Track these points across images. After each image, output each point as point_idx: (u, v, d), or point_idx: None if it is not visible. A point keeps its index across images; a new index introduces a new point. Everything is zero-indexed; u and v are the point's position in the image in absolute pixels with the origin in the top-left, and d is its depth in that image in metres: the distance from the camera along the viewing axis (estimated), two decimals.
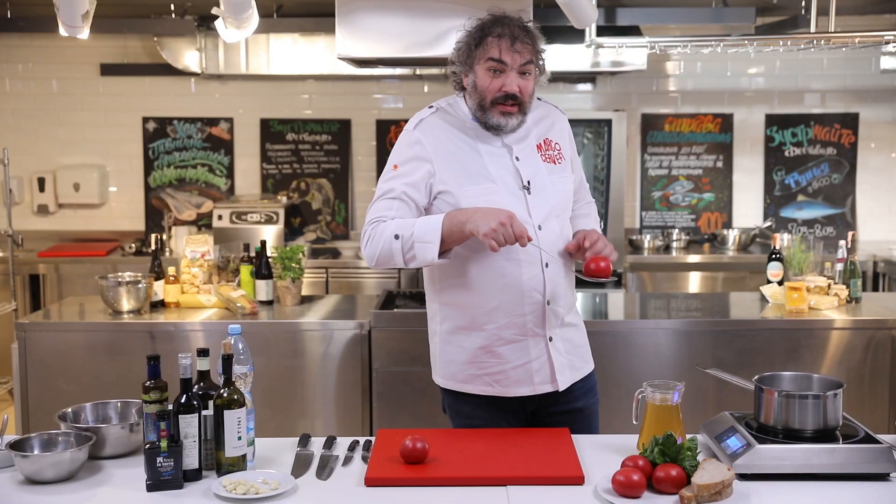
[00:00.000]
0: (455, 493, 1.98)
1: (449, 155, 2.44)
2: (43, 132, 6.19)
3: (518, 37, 2.39)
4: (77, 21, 3.17)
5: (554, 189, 2.49)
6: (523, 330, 2.45)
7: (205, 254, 3.96)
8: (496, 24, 2.41)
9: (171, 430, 1.99)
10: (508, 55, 2.38)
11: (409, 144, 2.45)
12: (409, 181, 2.42)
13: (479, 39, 2.41)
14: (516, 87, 2.39)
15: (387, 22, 3.72)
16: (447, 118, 2.49)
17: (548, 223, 2.45)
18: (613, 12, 5.32)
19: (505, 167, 2.45)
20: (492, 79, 2.40)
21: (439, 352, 2.55)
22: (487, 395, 2.49)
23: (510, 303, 2.43)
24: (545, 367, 2.48)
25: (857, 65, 6.04)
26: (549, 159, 2.51)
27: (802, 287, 3.76)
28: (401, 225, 2.36)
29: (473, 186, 2.41)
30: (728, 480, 1.90)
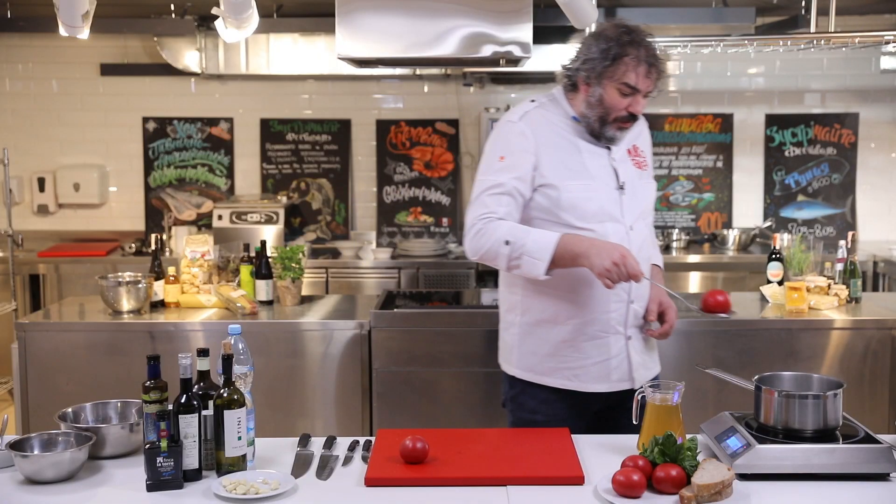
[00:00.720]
0: (455, 493, 1.98)
1: (552, 149, 2.47)
2: (43, 132, 6.19)
3: (654, 63, 2.44)
4: (77, 21, 3.17)
5: (643, 193, 2.58)
6: (606, 327, 2.50)
7: (205, 254, 3.96)
8: (633, 45, 2.42)
9: (171, 430, 1.99)
10: (643, 83, 2.44)
11: (515, 136, 2.47)
12: (517, 175, 2.43)
13: (614, 57, 2.42)
14: (641, 109, 2.48)
15: (387, 22, 3.72)
16: (548, 114, 2.53)
17: (637, 224, 2.54)
18: (613, 12, 5.33)
19: (603, 166, 2.50)
20: (620, 98, 2.45)
21: (518, 343, 2.58)
22: (565, 388, 2.53)
23: (598, 299, 2.47)
24: (623, 365, 2.53)
25: (857, 65, 6.04)
26: (637, 165, 2.59)
27: (802, 287, 3.76)
28: (513, 231, 2.36)
29: (574, 182, 2.45)
30: (728, 480, 1.90)
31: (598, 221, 2.46)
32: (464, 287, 5.47)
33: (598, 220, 2.46)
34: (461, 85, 6.03)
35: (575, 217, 2.45)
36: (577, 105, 2.52)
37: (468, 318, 3.79)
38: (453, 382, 3.76)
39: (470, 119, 6.09)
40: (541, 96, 2.59)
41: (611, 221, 2.48)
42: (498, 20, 3.75)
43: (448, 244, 5.88)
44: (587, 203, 2.45)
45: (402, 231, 6.11)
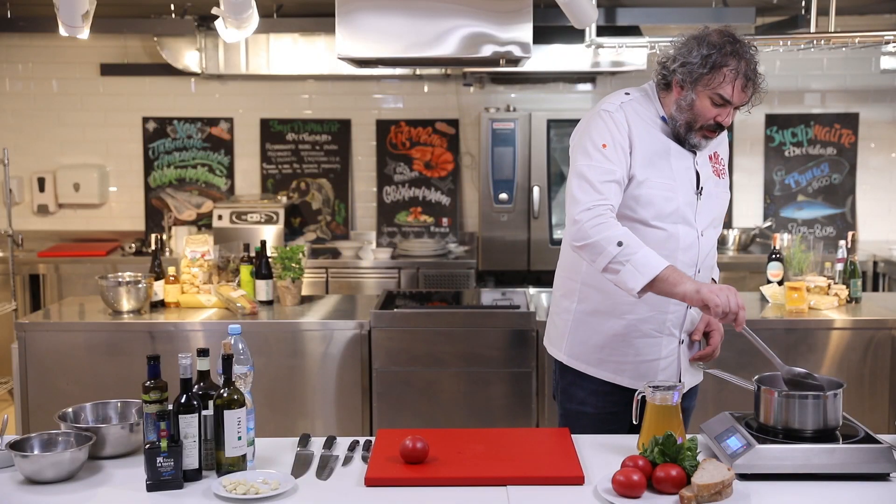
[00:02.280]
0: (455, 493, 1.98)
1: (643, 143, 2.45)
2: (43, 132, 6.19)
3: (751, 78, 2.39)
4: (77, 21, 3.17)
5: (718, 200, 2.55)
6: (661, 327, 2.49)
7: (205, 254, 3.96)
8: (734, 56, 2.37)
9: (171, 430, 1.99)
10: (738, 96, 2.40)
11: (616, 125, 2.44)
12: (622, 163, 2.41)
13: (713, 66, 2.38)
14: (730, 121, 2.45)
15: (387, 22, 3.72)
16: (641, 109, 2.50)
17: (708, 231, 2.52)
18: (613, 12, 5.33)
19: (687, 168, 2.49)
20: (711, 108, 2.42)
21: (571, 330, 2.57)
22: (611, 381, 2.52)
23: (658, 299, 2.42)
24: (673, 367, 2.53)
25: (857, 65, 6.04)
26: (716, 172, 2.57)
27: (802, 287, 3.76)
28: (628, 236, 2.31)
29: (657, 179, 2.44)
30: (728, 480, 1.90)
31: (672, 222, 2.45)
32: (464, 287, 5.47)
33: (672, 221, 2.45)
34: (461, 85, 6.03)
35: (650, 214, 2.43)
36: (668, 105, 2.49)
37: (468, 318, 3.79)
38: (453, 382, 3.76)
39: (470, 119, 6.09)
40: (634, 90, 2.56)
41: (684, 224, 2.46)
42: (498, 20, 3.75)
43: (448, 244, 5.88)
44: (666, 202, 2.44)
45: (402, 231, 6.11)
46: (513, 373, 3.75)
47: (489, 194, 5.49)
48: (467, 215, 6.16)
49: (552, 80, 5.98)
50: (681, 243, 2.45)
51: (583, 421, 2.54)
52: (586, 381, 2.55)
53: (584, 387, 2.55)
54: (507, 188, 5.49)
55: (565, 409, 2.61)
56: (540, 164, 5.45)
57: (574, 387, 2.58)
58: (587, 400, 2.56)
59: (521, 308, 3.87)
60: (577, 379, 2.57)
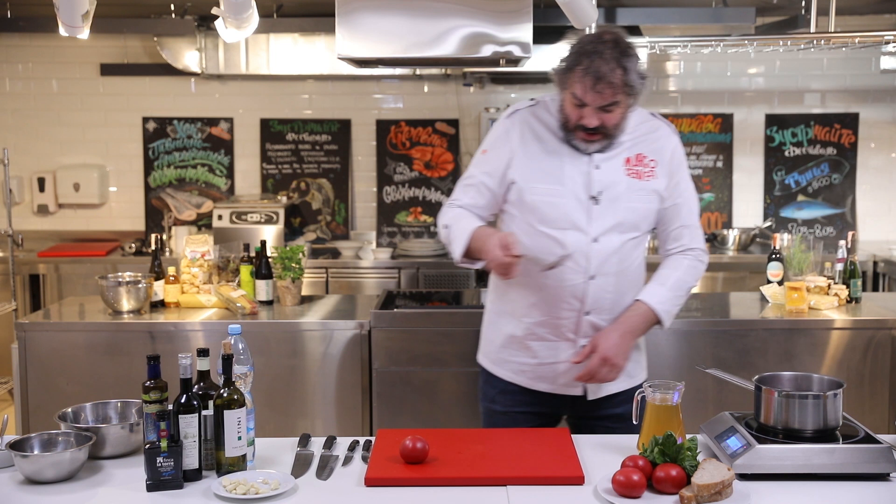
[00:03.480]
0: (455, 493, 1.98)
1: (531, 149, 2.48)
2: (43, 132, 6.19)
3: (602, 77, 2.30)
4: (77, 21, 3.17)
5: (629, 205, 2.48)
6: (556, 332, 2.50)
7: (205, 254, 3.96)
8: (585, 55, 2.33)
9: (171, 430, 1.99)
10: (589, 96, 2.34)
11: (500, 132, 2.53)
12: (488, 170, 2.51)
13: (568, 66, 2.38)
14: (595, 123, 2.38)
15: (387, 22, 3.72)
16: (541, 114, 2.53)
17: (607, 237, 2.46)
18: (613, 12, 5.32)
19: (580, 173, 2.46)
20: (573, 108, 2.40)
21: (483, 330, 2.68)
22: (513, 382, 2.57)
23: (548, 304, 2.47)
24: (571, 371, 2.51)
25: (857, 65, 6.04)
26: (635, 174, 2.49)
27: (802, 287, 3.76)
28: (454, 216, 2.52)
29: (541, 185, 2.45)
30: (728, 480, 1.90)
31: (560, 228, 2.45)
32: (464, 287, 5.47)
33: (559, 227, 2.45)
34: (461, 85, 6.03)
35: (536, 219, 2.47)
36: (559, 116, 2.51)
37: (468, 318, 3.79)
38: (453, 382, 3.76)
39: (470, 119, 6.09)
40: (545, 95, 2.58)
41: (573, 230, 2.44)
42: (498, 20, 3.75)
43: None
44: (550, 208, 2.44)
45: (402, 231, 6.11)
46: None
47: None
48: None
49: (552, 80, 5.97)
50: (569, 248, 2.43)
51: (495, 419, 2.60)
52: (495, 380, 2.61)
53: (495, 385, 2.61)
54: None
55: (482, 406, 2.68)
56: None
57: (487, 385, 2.65)
58: (497, 398, 2.61)
59: None
60: (489, 377, 2.64)
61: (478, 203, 2.53)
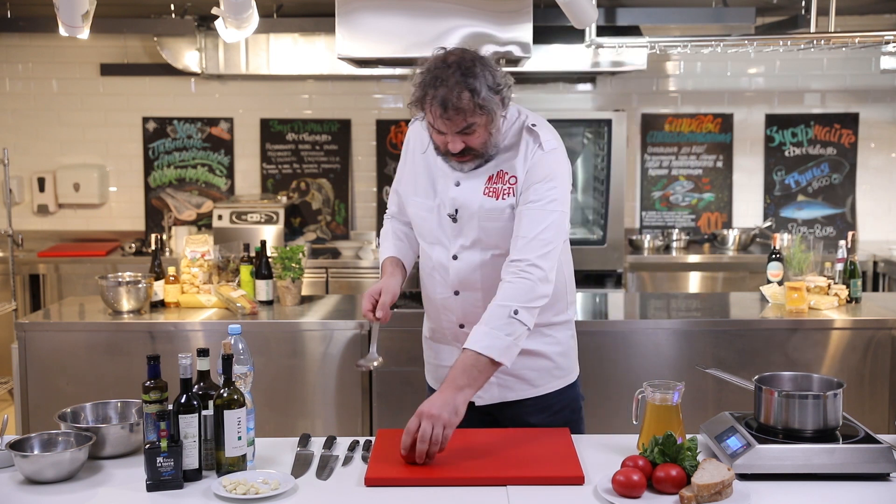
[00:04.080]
0: (455, 493, 1.98)
1: (416, 162, 2.54)
2: (43, 132, 6.19)
3: (448, 105, 2.21)
4: (77, 21, 3.17)
5: (484, 224, 2.40)
6: (444, 336, 2.59)
7: (205, 254, 3.96)
8: (430, 85, 2.24)
9: (171, 430, 1.99)
10: (442, 124, 2.26)
11: (408, 138, 2.62)
12: (398, 176, 2.63)
13: (419, 96, 2.27)
14: (459, 147, 2.30)
15: (387, 22, 3.72)
16: None
17: (467, 254, 2.43)
18: (613, 12, 5.33)
19: (447, 190, 2.45)
20: (436, 135, 2.33)
21: None
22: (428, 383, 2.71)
23: (436, 311, 2.57)
24: None
25: (857, 65, 6.04)
26: (493, 193, 2.39)
27: (802, 287, 3.76)
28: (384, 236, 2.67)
29: (417, 198, 2.52)
30: (728, 480, 1.90)
31: (429, 242, 2.51)
32: None
33: (428, 241, 2.52)
34: None
35: (417, 232, 2.58)
36: None
37: None
38: None
39: None
40: None
41: (438, 245, 2.49)
42: (498, 20, 3.76)
43: None
44: (420, 221, 2.52)
45: None
46: None
47: None
48: None
49: (552, 80, 5.98)
50: (433, 262, 2.50)
51: None
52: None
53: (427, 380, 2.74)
54: None
55: None
56: None
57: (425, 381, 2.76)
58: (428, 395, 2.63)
59: None
60: None
61: (401, 210, 2.63)
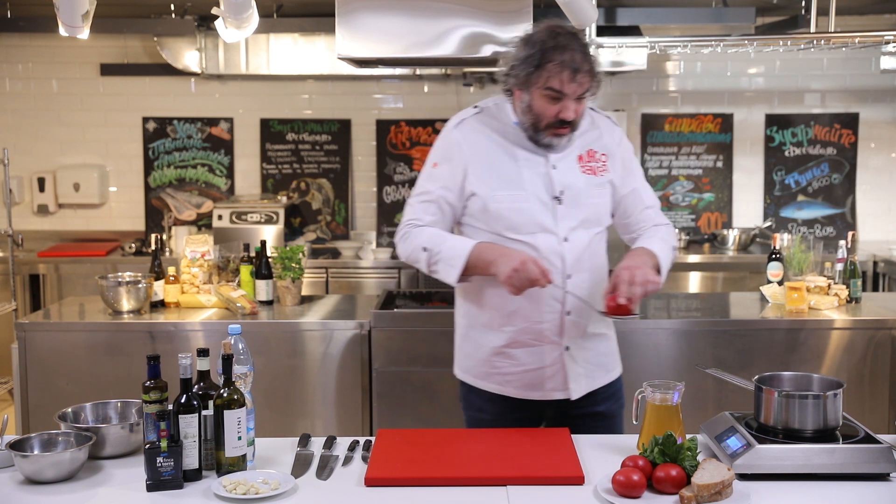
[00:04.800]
0: (455, 493, 1.98)
1: (485, 158, 2.44)
2: (43, 132, 6.19)
3: (580, 68, 2.32)
4: (77, 21, 3.17)
5: (590, 201, 2.47)
6: (540, 337, 2.47)
7: (205, 254, 3.96)
8: (557, 50, 2.33)
9: (171, 430, 1.99)
10: (569, 87, 2.33)
11: (449, 144, 2.47)
12: (445, 184, 2.45)
13: (538, 62, 2.34)
14: (573, 115, 2.37)
15: (387, 22, 3.72)
16: (488, 121, 2.49)
17: (575, 234, 2.44)
18: (613, 12, 5.33)
19: (539, 175, 2.44)
20: (548, 105, 2.37)
21: (458, 345, 2.62)
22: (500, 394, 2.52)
23: (529, 309, 2.44)
24: (559, 375, 2.49)
25: (857, 65, 6.04)
26: (590, 170, 2.48)
27: (802, 287, 3.76)
28: (432, 238, 2.40)
29: (503, 192, 2.42)
30: (728, 480, 1.90)
31: (529, 232, 2.42)
32: None
33: (528, 231, 2.42)
34: (461, 85, 6.02)
35: (504, 227, 2.43)
36: (516, 111, 2.46)
37: None
38: (453, 382, 3.74)
39: None
40: (488, 101, 2.54)
41: (542, 232, 2.42)
42: (498, 20, 3.76)
43: None
44: (515, 214, 2.42)
45: None
46: None
47: None
48: None
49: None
50: (541, 251, 2.41)
51: (483, 427, 2.52)
52: (480, 391, 2.57)
53: (480, 395, 2.56)
54: None
55: (467, 414, 2.62)
56: None
57: (472, 394, 2.59)
58: (484, 407, 2.56)
59: None
60: (472, 388, 2.59)
61: (439, 220, 2.46)
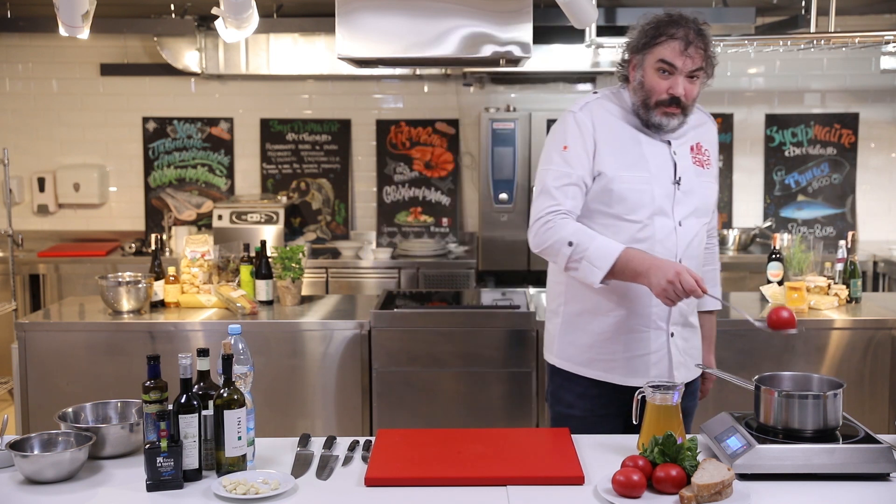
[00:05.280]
0: (455, 493, 1.98)
1: (612, 139, 2.47)
2: (43, 132, 6.19)
3: (692, 41, 2.39)
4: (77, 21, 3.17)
5: (701, 191, 2.53)
6: (647, 321, 2.49)
7: (205, 254, 3.96)
8: (672, 24, 2.40)
9: (171, 430, 1.99)
10: (680, 59, 2.39)
11: (577, 126, 2.48)
12: (582, 163, 2.44)
13: (652, 37, 2.41)
14: (682, 91, 2.42)
15: (387, 22, 3.72)
16: (609, 106, 2.52)
17: (688, 221, 2.50)
18: (613, 12, 5.32)
19: (663, 159, 2.48)
20: (659, 79, 2.42)
21: (560, 333, 2.59)
22: (602, 381, 2.52)
23: (638, 293, 2.45)
24: (664, 361, 2.52)
25: (857, 65, 6.04)
26: (699, 162, 2.55)
27: (802, 287, 3.76)
28: (578, 233, 2.37)
29: (629, 173, 2.44)
30: (728, 480, 1.90)
31: (648, 215, 2.44)
32: (464, 287, 5.47)
33: (647, 214, 2.44)
34: (461, 85, 6.03)
35: (624, 209, 2.44)
36: (631, 93, 2.51)
37: (468, 318, 3.79)
38: (453, 382, 3.76)
39: (470, 119, 6.09)
40: (605, 89, 2.59)
41: (660, 216, 2.46)
42: (498, 20, 3.75)
43: (448, 244, 5.88)
44: (639, 195, 2.44)
45: (402, 231, 6.12)
46: (512, 373, 3.75)
47: (489, 194, 5.49)
48: (467, 215, 6.16)
49: (552, 80, 5.98)
50: (657, 235, 2.45)
51: (571, 424, 2.52)
52: (574, 384, 2.56)
53: (572, 390, 2.56)
54: (507, 188, 5.49)
55: (555, 411, 2.62)
56: None
57: (562, 390, 2.59)
58: (575, 403, 2.56)
59: (520, 308, 3.87)
60: (565, 382, 2.58)
61: (578, 204, 2.44)
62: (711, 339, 2.75)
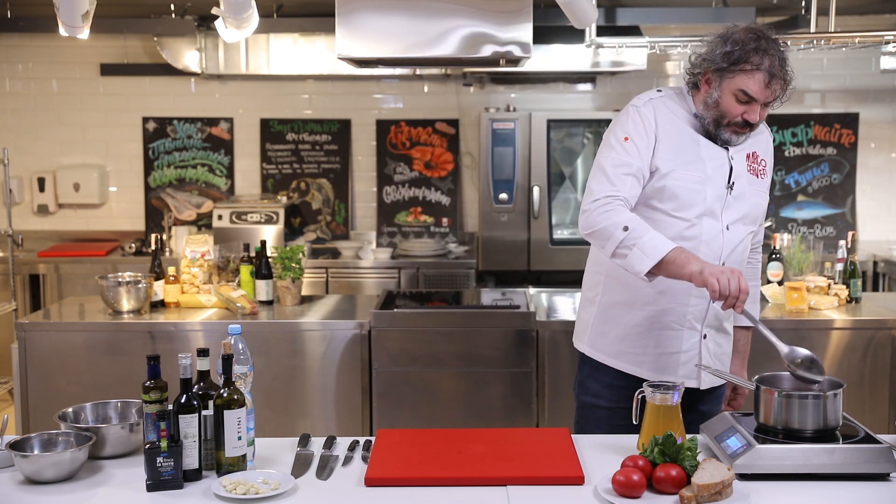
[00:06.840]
0: (455, 493, 1.98)
1: (671, 136, 2.47)
2: (43, 132, 6.19)
3: (776, 74, 2.40)
4: (77, 21, 3.17)
5: (752, 199, 2.53)
6: (682, 320, 2.48)
7: (205, 254, 3.96)
8: (758, 52, 2.38)
9: (171, 430, 1.99)
10: (761, 93, 2.40)
11: (640, 119, 2.47)
12: (642, 156, 2.43)
13: (735, 62, 2.39)
14: (757, 118, 2.43)
15: (387, 22, 3.72)
16: (672, 105, 2.52)
17: (736, 226, 2.49)
18: (613, 12, 5.32)
19: (720, 163, 2.48)
20: (736, 104, 2.42)
21: (594, 322, 2.59)
22: (630, 374, 2.52)
23: (678, 290, 2.45)
24: (693, 362, 2.52)
25: (857, 65, 6.04)
26: (753, 171, 2.54)
27: (802, 287, 3.76)
28: (634, 221, 2.33)
29: (684, 171, 2.44)
30: (728, 480, 1.90)
31: (697, 214, 2.44)
32: (464, 287, 5.47)
33: (696, 213, 2.44)
34: (461, 85, 6.03)
35: (675, 206, 2.44)
36: (698, 103, 2.50)
37: (468, 318, 3.79)
38: (453, 382, 3.76)
39: (470, 119, 6.09)
40: (668, 88, 2.59)
41: (709, 217, 2.45)
42: (498, 20, 3.76)
43: (448, 244, 5.88)
44: (692, 194, 2.44)
45: (402, 231, 6.11)
46: (513, 373, 3.75)
47: (489, 194, 5.49)
48: (467, 215, 6.16)
49: (552, 80, 5.98)
50: (704, 236, 2.44)
51: (596, 414, 2.55)
52: (603, 374, 2.57)
53: (600, 380, 2.57)
54: (507, 188, 5.49)
55: (580, 401, 2.64)
56: (540, 164, 5.45)
57: (590, 379, 2.60)
58: (601, 393, 2.57)
59: (521, 308, 3.87)
60: (593, 371, 2.59)
61: (636, 193, 2.42)
62: (745, 354, 2.73)
